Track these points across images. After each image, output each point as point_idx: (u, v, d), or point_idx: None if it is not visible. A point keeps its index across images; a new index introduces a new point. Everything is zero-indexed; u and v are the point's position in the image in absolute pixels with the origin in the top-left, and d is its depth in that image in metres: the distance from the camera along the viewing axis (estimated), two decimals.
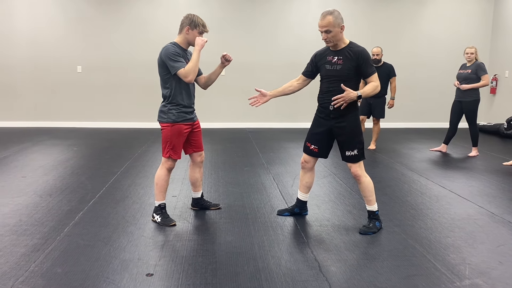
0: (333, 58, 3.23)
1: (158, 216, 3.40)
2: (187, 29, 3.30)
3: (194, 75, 3.24)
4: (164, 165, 3.41)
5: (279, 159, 5.95)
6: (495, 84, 9.42)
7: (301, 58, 8.89)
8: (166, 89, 3.34)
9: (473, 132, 6.32)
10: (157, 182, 3.42)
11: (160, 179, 3.41)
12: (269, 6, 9.07)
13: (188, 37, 3.32)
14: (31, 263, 2.67)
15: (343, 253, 2.91)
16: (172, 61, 3.21)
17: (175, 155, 3.39)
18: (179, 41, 3.35)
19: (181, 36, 3.36)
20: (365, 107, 6.61)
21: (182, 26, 3.33)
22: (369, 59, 3.19)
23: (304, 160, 3.53)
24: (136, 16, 8.82)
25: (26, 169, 5.12)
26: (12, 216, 3.51)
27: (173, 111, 3.32)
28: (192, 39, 3.32)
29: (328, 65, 3.24)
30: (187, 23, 3.30)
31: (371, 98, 6.51)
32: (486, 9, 9.55)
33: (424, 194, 4.34)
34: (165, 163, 3.41)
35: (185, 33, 3.31)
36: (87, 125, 8.94)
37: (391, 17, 9.36)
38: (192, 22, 3.29)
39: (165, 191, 3.45)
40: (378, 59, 6.50)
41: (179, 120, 3.34)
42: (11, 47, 8.65)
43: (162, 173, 3.41)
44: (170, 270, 2.63)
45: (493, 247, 3.03)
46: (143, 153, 6.21)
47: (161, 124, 3.40)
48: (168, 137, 3.35)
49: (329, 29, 3.12)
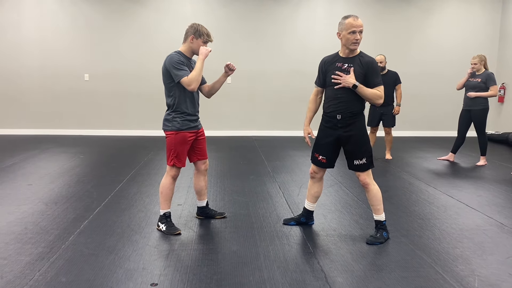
0: (343, 65, 3.18)
1: (163, 224, 3.39)
2: (191, 38, 3.31)
3: (197, 84, 3.24)
4: (169, 174, 3.40)
5: (285, 167, 5.92)
6: (503, 93, 9.35)
7: (307, 66, 8.99)
8: (170, 98, 3.34)
9: (482, 141, 6.26)
10: (162, 190, 3.42)
11: (165, 188, 3.41)
12: (275, 15, 9.10)
13: (192, 46, 3.34)
14: (36, 272, 2.66)
15: (350, 263, 2.87)
16: (176, 70, 3.21)
17: (179, 163, 3.38)
18: (183, 50, 3.37)
19: (185, 45, 3.37)
20: (376, 117, 6.59)
21: (187, 35, 3.34)
22: (377, 70, 3.17)
23: (313, 171, 3.49)
24: (143, 25, 8.88)
25: (32, 176, 5.14)
26: (17, 224, 3.51)
27: (178, 119, 3.33)
28: (196, 48, 3.33)
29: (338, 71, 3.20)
30: (192, 32, 3.31)
31: (381, 108, 6.49)
32: (493, 18, 9.51)
33: (432, 203, 4.29)
34: (169, 172, 3.40)
35: (190, 42, 3.33)
36: (94, 133, 8.98)
37: (398, 25, 9.35)
38: (197, 32, 3.30)
39: (170, 200, 3.44)
40: (382, 67, 6.48)
41: (183, 128, 3.34)
42: (20, 56, 8.74)
43: (167, 181, 3.40)
44: (175, 280, 2.60)
45: (503, 258, 2.98)
46: (149, 161, 6.22)
47: (165, 132, 3.40)
48: (172, 145, 3.35)
49: (363, 29, 3.11)
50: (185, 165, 3.43)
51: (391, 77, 6.47)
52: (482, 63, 6.12)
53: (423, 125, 9.67)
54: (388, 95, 6.48)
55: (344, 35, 3.11)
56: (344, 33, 3.11)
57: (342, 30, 3.12)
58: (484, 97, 6.10)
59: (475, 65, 6.12)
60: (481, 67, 6.12)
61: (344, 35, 3.11)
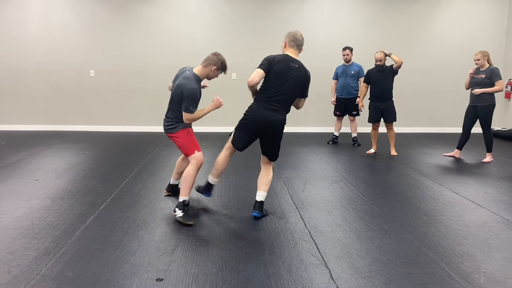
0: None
1: (181, 211, 3.53)
2: (214, 68, 3.57)
3: (193, 122, 3.65)
4: (194, 162, 3.66)
5: (289, 163, 5.92)
6: (510, 89, 9.28)
7: (313, 61, 8.93)
8: (179, 111, 3.62)
9: (488, 138, 6.22)
10: (185, 177, 3.63)
11: (189, 175, 3.62)
12: (281, 10, 9.06)
13: (211, 74, 3.62)
14: (43, 267, 2.69)
15: (355, 259, 2.87)
16: (189, 104, 3.49)
17: (197, 147, 3.74)
18: (199, 73, 3.61)
19: (203, 70, 3.61)
20: (377, 113, 6.57)
21: (209, 63, 3.58)
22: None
23: None
24: (149, 22, 8.88)
25: (38, 172, 5.17)
26: (24, 219, 3.54)
27: (179, 123, 3.69)
28: (212, 76, 3.65)
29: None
30: (216, 63, 3.57)
31: (382, 103, 6.49)
32: (500, 13, 9.43)
33: (437, 200, 4.28)
34: (194, 160, 3.67)
35: (211, 70, 3.59)
36: (100, 129, 9.02)
37: (403, 21, 9.28)
38: (222, 65, 3.60)
39: (191, 188, 3.67)
40: (381, 65, 6.46)
41: (187, 125, 3.74)
42: (26, 52, 8.78)
43: (191, 169, 3.64)
44: (180, 275, 2.62)
45: (509, 255, 2.96)
46: (154, 157, 6.24)
47: (173, 134, 3.71)
48: (186, 140, 3.70)
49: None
50: (200, 149, 3.76)
51: (389, 71, 6.46)
52: (485, 58, 6.07)
53: (428, 121, 9.62)
54: (388, 89, 6.47)
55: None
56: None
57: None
58: (490, 93, 6.06)
59: (478, 61, 6.09)
60: (485, 62, 6.08)
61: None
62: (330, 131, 8.45)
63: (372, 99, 6.65)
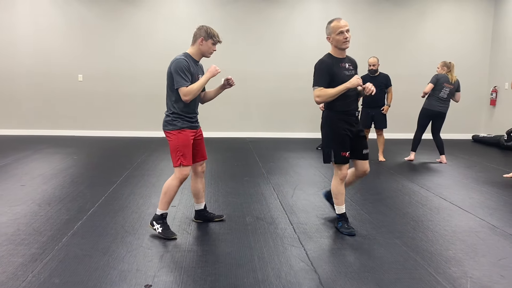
0: (344, 64, 3.40)
1: (159, 226, 3.32)
2: (201, 39, 3.29)
3: (193, 97, 3.24)
4: (177, 176, 3.31)
5: (279, 169, 5.93)
6: (495, 96, 9.43)
7: (301, 68, 9.01)
8: (173, 100, 3.31)
9: None
10: (166, 191, 3.32)
11: (170, 189, 3.32)
12: (271, 17, 9.11)
13: (202, 48, 3.31)
14: (29, 273, 2.65)
15: (344, 265, 2.88)
16: (179, 76, 3.20)
17: (186, 161, 3.31)
18: (192, 53, 3.35)
19: (194, 47, 3.35)
20: (368, 119, 6.64)
21: (196, 37, 3.32)
22: None
23: (346, 173, 3.49)
24: (137, 26, 8.86)
25: (25, 177, 5.11)
26: (10, 225, 3.49)
27: (179, 119, 3.31)
28: (205, 50, 3.32)
29: (346, 71, 3.38)
30: (201, 34, 3.29)
31: (372, 109, 6.56)
32: (486, 21, 9.60)
33: (425, 205, 4.32)
34: (177, 173, 3.31)
35: (199, 44, 3.30)
36: (87, 133, 8.94)
37: (392, 28, 9.40)
38: (207, 34, 3.29)
39: (171, 202, 3.37)
40: (374, 70, 6.54)
41: (184, 126, 3.32)
42: (13, 56, 8.68)
43: (174, 183, 3.31)
44: (169, 281, 2.60)
45: (495, 260, 3.00)
46: (142, 162, 6.20)
47: (167, 132, 3.34)
48: (176, 145, 3.30)
49: (349, 29, 3.34)
50: (191, 163, 3.38)
51: (382, 79, 6.54)
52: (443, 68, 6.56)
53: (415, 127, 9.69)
54: (379, 97, 6.53)
55: (334, 37, 3.33)
56: (333, 36, 3.33)
57: (331, 33, 3.34)
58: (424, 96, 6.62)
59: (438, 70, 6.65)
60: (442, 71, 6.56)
61: (333, 38, 3.33)
62: (318, 136, 8.47)
63: (364, 105, 6.71)
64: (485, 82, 9.72)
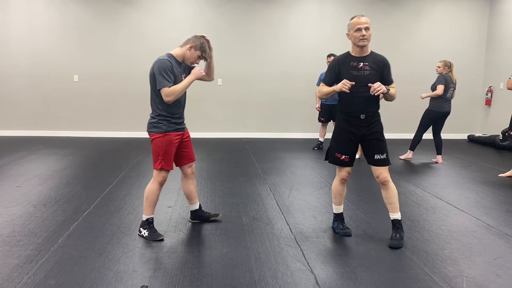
0: (358, 64, 3.25)
1: (146, 230, 3.30)
2: (190, 46, 3.23)
3: (175, 98, 3.17)
4: (156, 179, 3.29)
5: (275, 169, 5.94)
6: (490, 96, 9.48)
7: (297, 68, 9.03)
8: (157, 101, 3.26)
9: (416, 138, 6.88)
10: (147, 196, 3.31)
11: (151, 193, 3.31)
12: (266, 18, 9.11)
13: (187, 53, 3.24)
14: (24, 275, 2.64)
15: (340, 265, 2.89)
16: (162, 77, 3.12)
17: (167, 165, 3.29)
18: (176, 54, 3.27)
19: (181, 50, 3.27)
20: None
21: (188, 42, 3.25)
22: (390, 68, 3.35)
23: (347, 174, 3.45)
24: (133, 26, 8.84)
25: (20, 178, 5.09)
26: (5, 226, 3.47)
27: (164, 122, 3.26)
28: (189, 57, 3.26)
29: (355, 71, 3.24)
30: (195, 42, 3.23)
31: None
32: (481, 21, 9.63)
33: (420, 205, 4.34)
34: (157, 177, 3.30)
35: (188, 49, 3.23)
36: (83, 134, 8.91)
37: (387, 28, 9.42)
38: (200, 45, 3.23)
39: (154, 206, 3.35)
40: None
41: (170, 130, 3.27)
42: (8, 56, 8.64)
43: (154, 187, 3.30)
44: (165, 282, 2.60)
45: (490, 259, 3.02)
46: (138, 163, 6.19)
47: (151, 134, 3.30)
48: (159, 148, 3.26)
49: (369, 26, 3.23)
50: (172, 168, 3.36)
51: None
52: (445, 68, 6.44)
53: (410, 127, 9.72)
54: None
55: (352, 34, 3.25)
56: (351, 32, 3.25)
57: (350, 30, 3.27)
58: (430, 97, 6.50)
59: (438, 68, 6.51)
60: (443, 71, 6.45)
61: (352, 34, 3.26)
62: (315, 137, 8.49)
63: None
64: (480, 82, 9.76)
